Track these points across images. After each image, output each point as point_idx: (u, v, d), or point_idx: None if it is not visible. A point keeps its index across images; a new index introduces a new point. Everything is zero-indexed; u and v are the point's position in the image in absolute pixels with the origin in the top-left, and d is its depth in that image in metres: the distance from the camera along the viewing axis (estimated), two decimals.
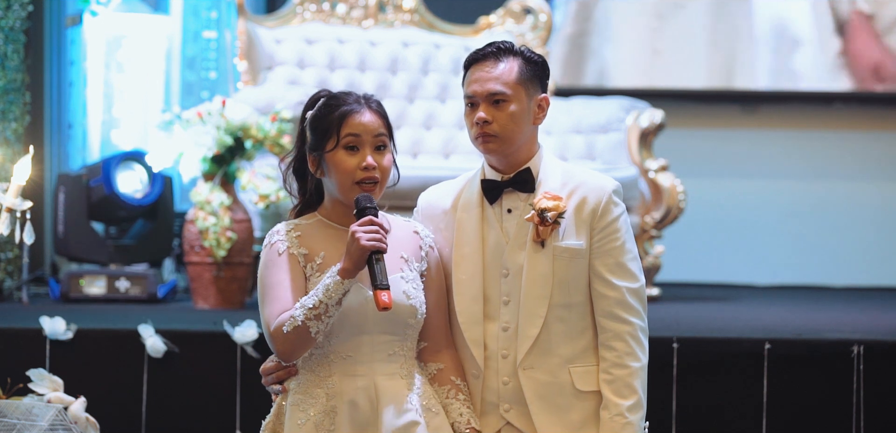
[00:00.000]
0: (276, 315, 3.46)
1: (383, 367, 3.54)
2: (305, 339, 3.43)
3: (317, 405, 3.51)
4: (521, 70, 3.63)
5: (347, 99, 3.57)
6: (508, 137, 3.61)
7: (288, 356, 3.49)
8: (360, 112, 3.54)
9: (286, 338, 3.43)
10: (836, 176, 9.25)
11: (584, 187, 3.65)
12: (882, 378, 5.28)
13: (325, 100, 3.60)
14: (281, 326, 3.43)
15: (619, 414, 3.58)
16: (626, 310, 3.61)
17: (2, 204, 4.04)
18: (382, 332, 3.52)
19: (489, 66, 3.63)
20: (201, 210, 6.55)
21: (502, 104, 3.61)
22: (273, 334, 3.46)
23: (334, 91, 3.63)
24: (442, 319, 3.65)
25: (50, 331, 5.35)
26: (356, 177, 3.52)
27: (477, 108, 3.62)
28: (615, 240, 3.63)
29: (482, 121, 3.60)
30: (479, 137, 3.62)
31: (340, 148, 3.52)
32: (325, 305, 3.40)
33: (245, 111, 6.56)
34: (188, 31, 8.48)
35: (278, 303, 3.46)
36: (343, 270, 3.41)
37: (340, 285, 3.40)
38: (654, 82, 9.23)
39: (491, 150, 3.63)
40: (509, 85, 3.61)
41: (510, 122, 3.61)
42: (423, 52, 7.77)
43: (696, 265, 9.00)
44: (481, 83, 3.62)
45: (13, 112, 7.15)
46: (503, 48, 3.65)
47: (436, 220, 3.72)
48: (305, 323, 3.41)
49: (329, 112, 3.55)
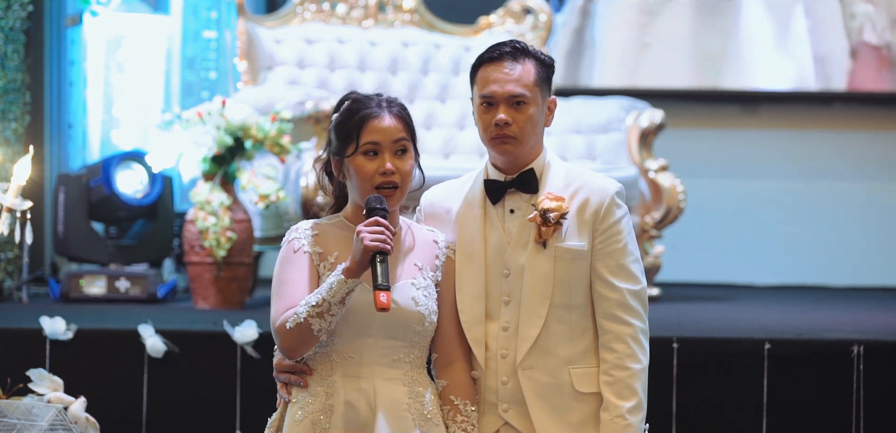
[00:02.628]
0: (282, 311, 3.48)
1: (385, 372, 3.54)
2: (308, 336, 3.44)
3: (315, 402, 3.52)
4: (537, 72, 3.62)
5: (370, 103, 3.56)
6: (525, 140, 3.61)
7: (290, 352, 3.51)
8: (380, 116, 3.53)
9: (289, 334, 3.45)
10: (836, 176, 9.25)
11: (586, 188, 3.64)
12: (882, 378, 5.28)
13: (348, 104, 3.59)
14: (285, 322, 3.46)
15: (619, 415, 3.58)
16: (627, 312, 3.61)
17: (2, 204, 4.04)
18: (387, 337, 3.52)
19: (507, 66, 3.60)
20: (201, 210, 6.55)
21: (522, 106, 3.59)
22: (277, 329, 3.49)
23: (361, 94, 3.61)
24: (453, 330, 3.64)
25: (50, 331, 5.35)
26: (375, 181, 3.52)
27: (494, 109, 3.60)
28: (617, 242, 3.63)
29: (503, 122, 3.58)
30: (497, 138, 3.60)
31: (360, 153, 3.52)
32: (327, 303, 3.41)
33: (245, 111, 6.56)
34: (188, 31, 8.48)
35: (286, 300, 3.49)
36: (347, 270, 3.42)
37: (344, 284, 3.41)
38: (654, 82, 9.23)
39: (506, 152, 3.62)
40: (529, 87, 3.60)
41: (528, 124, 3.60)
42: (423, 52, 7.77)
43: (696, 265, 9.00)
44: (501, 84, 3.59)
45: (13, 112, 7.15)
46: (519, 49, 3.62)
47: (438, 220, 3.72)
48: (308, 320, 3.42)
49: (350, 117, 3.55)
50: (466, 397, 3.62)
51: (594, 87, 8.98)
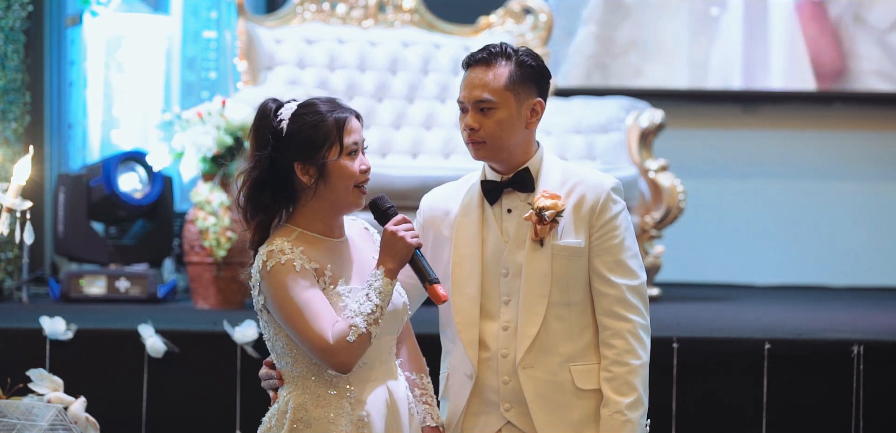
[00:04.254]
0: (327, 328, 3.42)
1: (387, 368, 3.57)
2: (367, 346, 3.45)
3: (344, 418, 3.50)
4: (511, 75, 3.61)
5: (338, 105, 3.55)
6: (496, 144, 3.62)
7: (349, 366, 3.45)
8: (350, 117, 3.54)
9: (352, 348, 3.42)
10: (836, 176, 9.25)
11: (582, 185, 3.65)
12: (882, 378, 5.28)
13: (314, 108, 3.53)
14: (343, 337, 3.41)
15: (618, 411, 3.58)
16: (626, 308, 3.61)
17: (2, 204, 4.04)
18: (387, 333, 3.55)
19: (480, 71, 3.62)
20: (201, 210, 6.55)
21: (489, 111, 3.61)
22: (335, 348, 3.41)
23: (315, 99, 3.57)
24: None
25: (50, 331, 5.35)
26: (358, 180, 3.54)
27: (465, 114, 3.64)
28: (614, 238, 3.62)
29: (469, 128, 3.62)
30: (469, 143, 3.65)
31: (345, 154, 3.52)
32: (380, 308, 3.44)
33: (245, 111, 6.56)
34: (188, 31, 8.48)
35: (324, 318, 3.43)
36: (389, 271, 3.45)
37: (390, 285, 3.45)
38: (654, 82, 9.23)
39: (480, 156, 3.66)
40: (496, 92, 3.60)
41: (498, 128, 3.61)
42: (423, 52, 7.77)
43: (696, 265, 9.00)
44: (469, 90, 3.63)
45: (13, 112, 7.15)
46: (496, 52, 3.63)
47: (438, 222, 3.73)
48: (368, 329, 3.42)
49: (321, 119, 3.51)
50: (421, 370, 3.69)
51: (594, 87, 8.98)
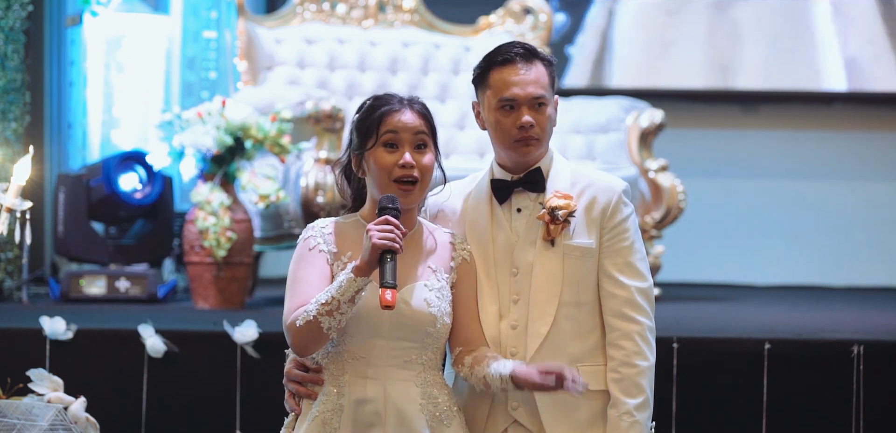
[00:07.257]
0: (294, 308, 3.49)
1: (397, 373, 3.54)
2: (317, 334, 3.44)
3: (327, 402, 3.53)
4: (549, 74, 3.66)
5: (391, 99, 3.60)
6: (545, 140, 3.66)
7: (301, 350, 3.51)
8: (401, 111, 3.56)
9: (299, 331, 3.45)
10: (836, 176, 9.25)
11: (593, 187, 3.67)
12: (882, 378, 5.28)
13: (370, 102, 3.63)
14: (295, 319, 3.46)
15: (626, 412, 3.59)
16: (635, 310, 3.62)
17: (2, 204, 4.04)
18: (398, 338, 3.52)
19: (522, 69, 3.62)
20: (201, 210, 6.55)
21: (542, 107, 3.63)
22: (288, 326, 3.49)
23: (384, 94, 3.64)
24: (477, 328, 3.64)
25: (50, 331, 5.35)
26: (394, 174, 3.53)
27: (515, 112, 3.62)
28: (624, 240, 3.65)
29: (529, 124, 3.61)
30: (520, 141, 3.62)
31: (380, 145, 3.54)
32: (337, 302, 3.41)
33: (245, 111, 6.56)
34: (188, 31, 8.48)
35: (298, 298, 3.49)
36: (356, 268, 3.42)
37: (353, 283, 3.41)
38: (654, 82, 9.23)
39: (530, 153, 3.65)
40: (546, 88, 3.64)
41: (548, 124, 3.65)
42: (423, 52, 7.77)
43: (696, 265, 9.00)
44: (522, 87, 3.61)
45: (13, 112, 7.15)
46: (529, 50, 3.66)
47: (445, 221, 3.73)
48: (317, 318, 3.42)
49: (371, 112, 3.58)
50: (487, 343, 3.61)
51: (594, 87, 8.98)
